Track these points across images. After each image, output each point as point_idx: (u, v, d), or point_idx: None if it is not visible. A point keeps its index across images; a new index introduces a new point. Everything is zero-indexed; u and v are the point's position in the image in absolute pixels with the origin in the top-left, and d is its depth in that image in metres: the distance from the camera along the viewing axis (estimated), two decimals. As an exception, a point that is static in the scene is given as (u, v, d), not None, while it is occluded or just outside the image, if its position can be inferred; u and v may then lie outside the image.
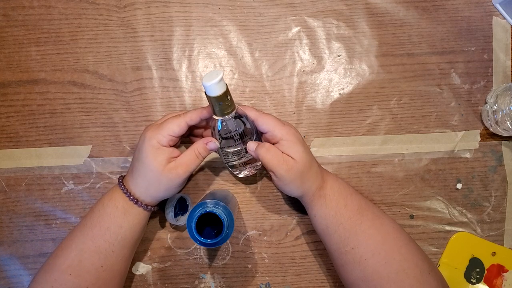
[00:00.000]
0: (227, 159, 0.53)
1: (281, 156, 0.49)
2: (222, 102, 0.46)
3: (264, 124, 0.50)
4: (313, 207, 0.52)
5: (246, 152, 0.52)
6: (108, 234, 0.49)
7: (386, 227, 0.51)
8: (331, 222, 0.50)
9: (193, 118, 0.50)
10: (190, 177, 0.59)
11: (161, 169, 0.49)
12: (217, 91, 0.45)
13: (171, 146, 0.50)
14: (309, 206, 0.52)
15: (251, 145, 0.51)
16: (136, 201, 0.50)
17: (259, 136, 0.53)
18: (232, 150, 0.51)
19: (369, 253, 0.49)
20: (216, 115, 0.48)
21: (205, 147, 0.50)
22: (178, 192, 0.55)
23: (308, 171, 0.50)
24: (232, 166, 0.55)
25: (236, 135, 0.50)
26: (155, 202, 0.52)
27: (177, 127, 0.49)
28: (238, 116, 0.49)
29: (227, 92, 0.46)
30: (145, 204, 0.51)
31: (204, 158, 0.51)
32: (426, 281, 0.48)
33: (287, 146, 0.49)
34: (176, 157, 0.50)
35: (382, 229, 0.50)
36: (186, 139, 0.57)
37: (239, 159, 0.53)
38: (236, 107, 0.48)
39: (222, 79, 0.44)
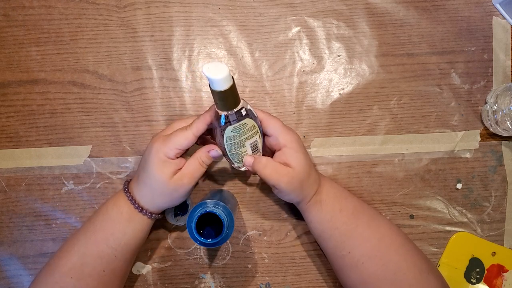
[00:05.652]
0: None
1: (280, 169, 0.48)
2: (228, 96, 0.43)
3: (271, 127, 0.49)
4: (310, 212, 0.52)
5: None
6: (112, 240, 0.49)
7: (382, 229, 0.51)
8: (327, 227, 0.51)
9: (199, 128, 0.48)
10: (196, 185, 0.59)
11: (167, 181, 0.48)
12: (224, 86, 0.41)
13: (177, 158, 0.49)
14: (305, 212, 0.52)
15: (248, 160, 0.50)
16: (141, 209, 0.50)
17: (261, 130, 0.52)
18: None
19: (366, 256, 0.49)
20: (220, 109, 0.45)
21: (207, 155, 0.50)
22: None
23: (308, 179, 0.50)
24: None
25: None
26: (160, 211, 0.52)
27: (184, 140, 0.48)
28: (240, 108, 0.46)
29: (233, 86, 0.42)
30: (150, 213, 0.51)
31: (207, 166, 0.50)
32: (425, 280, 0.48)
33: (289, 155, 0.49)
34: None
35: (378, 231, 0.50)
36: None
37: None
38: (241, 101, 0.46)
39: (229, 72, 0.40)
